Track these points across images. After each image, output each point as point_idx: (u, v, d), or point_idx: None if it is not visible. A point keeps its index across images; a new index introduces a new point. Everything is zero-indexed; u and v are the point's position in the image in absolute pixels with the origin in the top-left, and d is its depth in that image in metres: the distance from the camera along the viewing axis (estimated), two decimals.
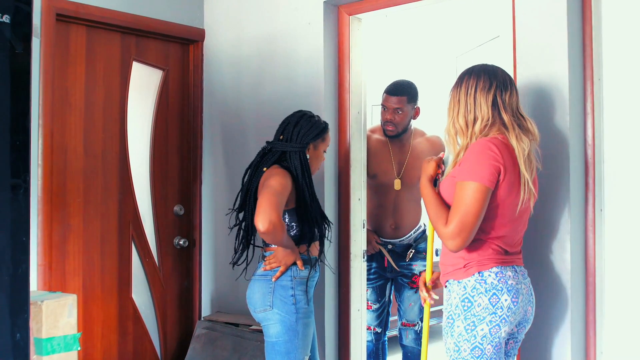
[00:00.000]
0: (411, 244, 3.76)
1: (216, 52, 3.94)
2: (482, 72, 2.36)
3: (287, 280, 2.79)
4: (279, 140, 2.87)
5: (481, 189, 2.21)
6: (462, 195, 2.23)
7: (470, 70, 2.40)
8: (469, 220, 2.21)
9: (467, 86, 2.36)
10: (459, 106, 2.36)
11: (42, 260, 3.23)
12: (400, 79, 3.79)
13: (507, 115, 2.32)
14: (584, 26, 2.71)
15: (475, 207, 2.20)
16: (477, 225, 2.23)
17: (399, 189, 3.73)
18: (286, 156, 2.84)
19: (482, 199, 2.21)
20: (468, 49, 3.75)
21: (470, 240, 2.24)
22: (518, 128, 2.32)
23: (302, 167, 2.82)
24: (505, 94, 2.34)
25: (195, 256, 3.98)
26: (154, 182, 3.83)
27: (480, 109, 2.32)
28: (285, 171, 2.78)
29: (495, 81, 2.34)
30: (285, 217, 2.81)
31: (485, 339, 2.21)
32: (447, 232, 2.24)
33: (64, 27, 3.39)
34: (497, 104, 2.32)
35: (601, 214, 2.69)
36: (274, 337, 2.77)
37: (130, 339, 3.69)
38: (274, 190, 2.66)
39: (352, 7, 3.42)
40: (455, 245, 2.24)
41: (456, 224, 2.22)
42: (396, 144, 3.79)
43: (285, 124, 2.91)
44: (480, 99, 2.32)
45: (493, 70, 2.38)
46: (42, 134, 3.23)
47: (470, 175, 2.23)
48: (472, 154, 2.27)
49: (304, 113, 2.92)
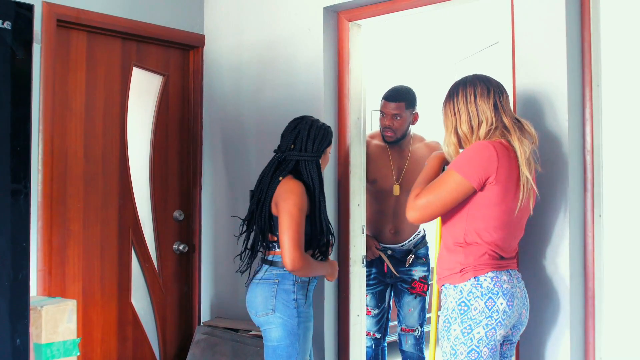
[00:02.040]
0: (411, 249, 3.76)
1: (216, 58, 3.95)
2: (477, 80, 2.41)
3: (289, 284, 2.79)
4: (291, 150, 2.87)
5: (463, 183, 2.27)
6: (443, 181, 2.32)
7: (463, 81, 2.44)
8: (435, 204, 2.30)
9: (464, 95, 2.39)
10: (460, 115, 2.39)
11: (41, 266, 3.23)
12: (399, 84, 3.80)
13: (508, 118, 2.37)
14: (583, 32, 2.72)
15: (448, 196, 2.29)
16: (440, 211, 2.33)
17: (398, 195, 3.73)
18: (300, 165, 2.86)
19: (459, 192, 2.28)
20: (467, 55, 3.77)
21: (426, 220, 2.37)
22: (519, 131, 2.36)
23: (319, 177, 2.87)
24: (502, 98, 2.39)
25: (195, 261, 3.98)
26: (154, 188, 3.84)
27: (484, 113, 2.36)
28: (300, 183, 2.80)
29: (491, 87, 2.39)
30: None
31: (482, 341, 2.24)
32: (414, 203, 2.35)
33: (65, 32, 3.40)
34: (498, 108, 2.37)
35: (600, 219, 2.70)
36: (276, 341, 2.77)
37: (129, 344, 3.69)
38: (293, 220, 2.71)
39: (352, 13, 3.43)
40: (414, 216, 2.36)
41: (424, 201, 2.32)
42: (395, 149, 3.79)
43: (295, 132, 2.88)
44: (482, 105, 2.36)
45: (487, 78, 2.43)
46: (42, 139, 3.24)
47: (459, 167, 2.29)
48: (470, 149, 2.32)
49: (312, 121, 2.91)
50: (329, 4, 3.40)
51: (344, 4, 3.38)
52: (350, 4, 3.38)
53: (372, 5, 3.34)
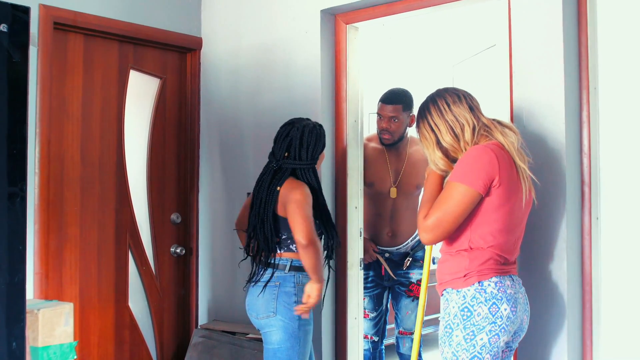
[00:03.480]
0: (408, 252, 3.76)
1: (214, 61, 3.95)
2: (444, 92, 2.43)
3: (290, 286, 2.79)
4: (286, 158, 2.86)
5: (469, 192, 2.23)
6: (448, 195, 2.26)
7: (430, 97, 2.45)
8: (447, 219, 2.25)
9: (437, 108, 2.39)
10: (439, 128, 2.38)
11: (38, 269, 3.23)
12: (395, 87, 3.80)
13: (484, 117, 2.39)
14: (580, 35, 2.73)
15: (457, 209, 2.24)
16: (454, 226, 2.27)
17: (395, 197, 3.73)
18: (297, 173, 2.85)
19: (467, 203, 2.24)
20: (464, 58, 3.78)
21: (443, 237, 2.31)
22: (499, 125, 2.37)
23: (317, 181, 2.88)
24: (474, 101, 2.41)
25: (192, 264, 3.98)
26: (151, 191, 3.83)
27: (463, 117, 2.36)
28: (303, 183, 2.82)
29: (460, 94, 2.41)
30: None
31: (485, 348, 2.21)
32: (424, 225, 2.30)
33: (62, 35, 3.40)
34: (474, 109, 2.39)
35: (597, 222, 2.70)
36: (276, 344, 2.76)
37: (126, 347, 3.68)
38: (303, 204, 2.72)
39: (349, 16, 3.44)
40: (427, 238, 2.31)
41: (434, 220, 2.27)
42: (392, 152, 3.79)
43: (287, 139, 2.86)
44: (458, 110, 2.37)
45: (453, 88, 2.46)
46: (39, 142, 3.23)
47: (462, 177, 2.25)
48: (469, 156, 2.29)
49: (303, 126, 2.88)
50: (326, 7, 3.41)
51: (341, 6, 3.38)
52: (347, 7, 3.38)
53: (369, 8, 3.35)
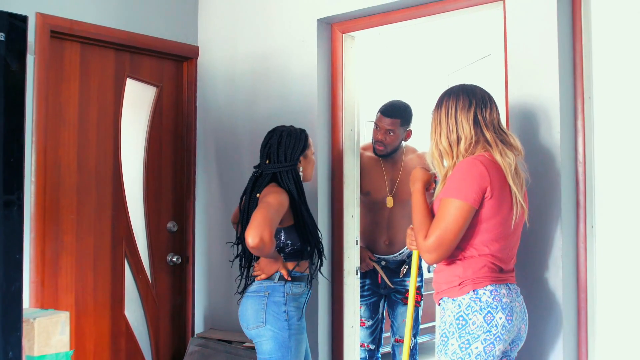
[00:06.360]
0: (405, 260, 3.76)
1: (210, 69, 3.96)
2: (461, 92, 2.39)
3: (279, 296, 2.79)
4: (266, 164, 2.86)
5: (464, 207, 2.23)
6: (444, 212, 2.26)
7: (449, 91, 2.43)
8: (447, 237, 2.24)
9: (447, 107, 2.38)
10: (440, 128, 2.38)
11: (34, 277, 3.22)
12: (397, 99, 3.79)
13: (489, 132, 2.35)
14: (575, 44, 2.75)
15: (455, 225, 2.24)
16: (455, 242, 2.26)
17: (391, 206, 3.74)
18: (278, 177, 2.84)
19: (464, 217, 2.24)
20: (460, 67, 3.79)
21: (446, 255, 2.29)
22: (502, 144, 2.34)
23: (297, 186, 2.83)
24: (485, 112, 2.36)
25: (189, 273, 3.97)
26: (147, 199, 3.83)
27: (463, 128, 2.34)
28: (282, 189, 2.79)
29: (474, 99, 2.36)
30: (282, 235, 2.81)
31: (480, 357, 2.21)
32: (425, 245, 2.29)
33: (59, 43, 3.40)
34: (479, 122, 2.35)
35: (592, 230, 2.70)
36: (267, 354, 2.76)
37: (122, 356, 3.67)
38: (269, 206, 2.66)
39: (346, 25, 3.45)
40: (431, 258, 2.30)
41: (435, 239, 2.26)
42: (388, 161, 3.80)
43: (267, 147, 2.88)
44: (462, 119, 2.35)
45: (472, 89, 2.40)
46: (35, 150, 3.23)
47: (455, 192, 2.25)
48: (459, 171, 2.29)
49: (281, 131, 2.89)
50: (323, 16, 3.42)
51: (338, 16, 3.40)
52: (343, 16, 3.40)
53: (365, 18, 3.37)
